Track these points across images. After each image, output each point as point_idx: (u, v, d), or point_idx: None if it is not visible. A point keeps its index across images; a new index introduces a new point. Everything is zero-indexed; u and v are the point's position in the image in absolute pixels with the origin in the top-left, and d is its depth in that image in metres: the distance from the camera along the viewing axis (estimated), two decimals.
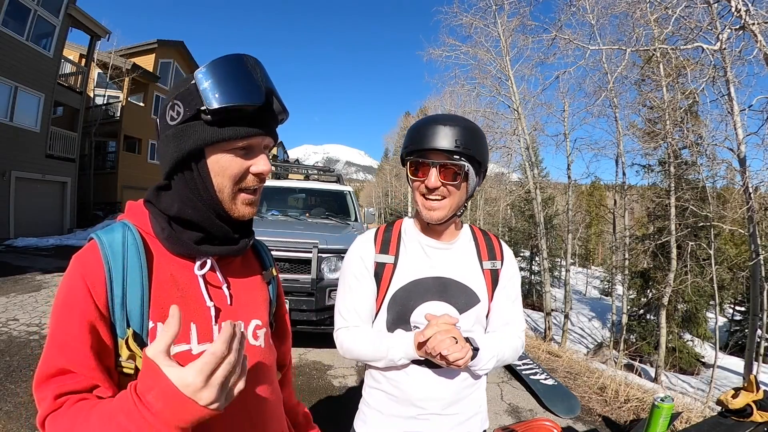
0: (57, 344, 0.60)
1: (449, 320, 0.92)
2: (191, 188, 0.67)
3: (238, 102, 0.62)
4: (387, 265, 1.06)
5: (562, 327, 14.43)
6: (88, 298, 0.61)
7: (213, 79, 0.62)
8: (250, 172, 0.68)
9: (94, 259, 0.63)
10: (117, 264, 0.63)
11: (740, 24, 6.87)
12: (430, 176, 0.96)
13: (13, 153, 11.66)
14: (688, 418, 3.17)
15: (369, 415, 1.09)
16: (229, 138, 0.64)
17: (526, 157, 14.48)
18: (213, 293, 0.72)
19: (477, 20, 13.63)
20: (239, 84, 0.63)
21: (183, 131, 0.64)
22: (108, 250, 0.63)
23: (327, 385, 3.51)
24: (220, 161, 0.66)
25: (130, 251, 0.65)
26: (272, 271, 0.87)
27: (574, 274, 22.92)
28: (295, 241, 3.86)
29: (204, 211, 0.68)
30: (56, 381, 0.59)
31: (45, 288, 6.20)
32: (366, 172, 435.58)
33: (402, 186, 35.27)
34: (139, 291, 0.63)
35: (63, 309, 0.61)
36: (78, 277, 0.62)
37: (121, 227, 0.68)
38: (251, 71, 0.65)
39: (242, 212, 0.70)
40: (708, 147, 10.47)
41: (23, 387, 3.05)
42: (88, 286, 0.61)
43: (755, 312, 8.69)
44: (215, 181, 0.67)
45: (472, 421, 1.08)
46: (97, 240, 0.65)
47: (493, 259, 1.10)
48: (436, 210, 0.99)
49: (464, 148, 0.94)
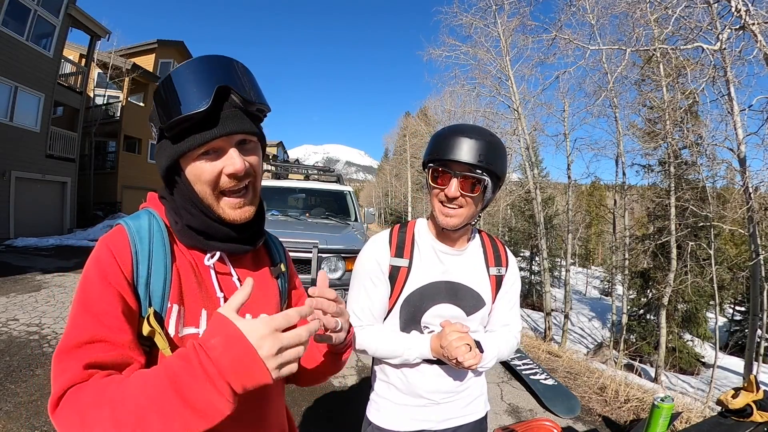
0: (91, 312, 0.60)
1: (462, 329, 1.00)
2: (183, 196, 0.71)
3: (179, 115, 0.63)
4: (402, 268, 1.10)
5: (562, 327, 14.42)
6: (118, 271, 0.63)
7: (161, 97, 0.66)
8: (223, 173, 0.68)
9: (121, 240, 0.66)
10: (143, 246, 0.67)
11: (740, 24, 6.87)
12: (450, 186, 1.00)
13: (13, 153, 11.66)
14: (688, 418, 3.17)
15: (381, 403, 1.16)
16: (187, 149, 0.66)
17: (526, 157, 14.48)
18: (224, 285, 0.74)
19: (477, 20, 13.64)
20: (183, 94, 0.64)
21: (160, 149, 0.71)
22: (135, 234, 0.67)
23: (327, 385, 3.51)
24: (194, 170, 0.69)
25: (156, 236, 0.69)
26: (281, 267, 0.89)
27: (574, 274, 22.92)
28: (295, 241, 3.85)
29: (199, 216, 0.71)
30: (88, 349, 0.58)
31: (45, 288, 6.20)
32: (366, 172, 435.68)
33: (402, 186, 35.26)
34: (163, 272, 0.67)
35: (96, 279, 0.62)
36: (108, 253, 0.64)
37: (147, 214, 0.72)
38: (197, 76, 0.65)
39: (231, 216, 0.71)
40: (708, 147, 10.47)
41: (23, 387, 3.05)
42: (117, 261, 0.64)
43: (755, 312, 8.69)
44: (196, 188, 0.70)
45: (476, 403, 1.19)
46: (125, 225, 0.68)
47: (499, 265, 1.17)
48: (452, 217, 1.03)
49: (486, 163, 0.98)
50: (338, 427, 2.86)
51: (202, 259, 0.73)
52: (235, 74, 0.68)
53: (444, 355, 0.99)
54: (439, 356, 1.03)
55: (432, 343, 1.04)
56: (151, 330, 0.63)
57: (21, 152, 11.94)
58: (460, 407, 1.15)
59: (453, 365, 0.98)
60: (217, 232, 0.72)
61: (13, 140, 11.64)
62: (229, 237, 0.73)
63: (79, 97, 14.37)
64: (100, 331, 0.59)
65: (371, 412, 1.17)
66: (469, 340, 0.97)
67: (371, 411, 1.17)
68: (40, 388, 3.05)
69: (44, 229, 12.77)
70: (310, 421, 2.90)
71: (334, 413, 3.07)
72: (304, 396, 3.24)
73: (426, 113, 27.43)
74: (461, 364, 0.94)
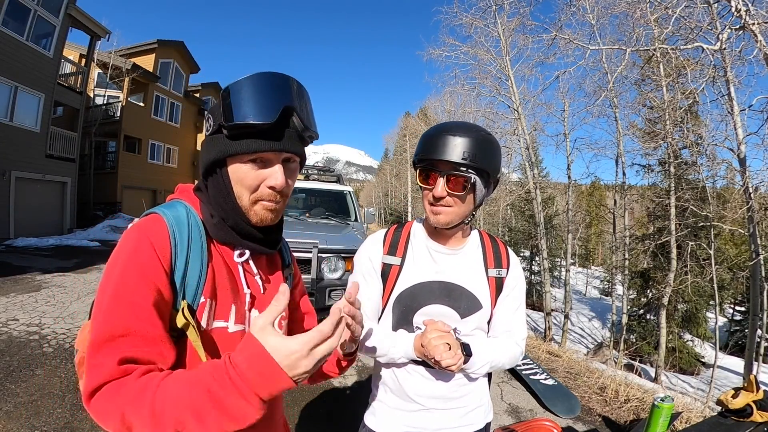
0: (126, 304, 0.61)
1: (443, 327, 0.97)
2: (219, 191, 0.74)
3: (247, 120, 0.67)
4: (393, 266, 1.09)
5: (562, 327, 14.42)
6: (157, 263, 0.64)
7: (232, 98, 0.68)
8: (265, 185, 0.72)
9: (160, 230, 0.67)
10: (183, 238, 0.68)
11: (740, 24, 6.87)
12: (437, 186, 0.98)
13: (13, 153, 11.66)
14: (688, 418, 3.17)
15: (377, 408, 1.14)
16: (240, 152, 0.69)
17: (526, 157, 14.48)
18: (249, 282, 0.78)
19: (477, 20, 13.63)
20: (253, 102, 0.67)
21: (211, 141, 0.73)
22: (174, 225, 0.68)
23: (327, 385, 3.51)
24: (238, 171, 0.72)
25: (194, 229, 0.71)
26: (291, 267, 0.95)
27: (574, 274, 22.93)
28: (295, 241, 3.86)
29: (229, 211, 0.74)
30: (122, 342, 0.59)
31: (45, 288, 6.20)
32: (366, 172, 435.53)
33: (402, 186, 35.25)
34: (199, 267, 0.69)
35: (134, 271, 0.62)
36: (146, 243, 0.64)
37: (182, 206, 0.73)
38: (272, 89, 0.69)
39: (260, 216, 0.74)
40: (708, 147, 10.47)
41: (23, 387, 3.05)
42: (156, 253, 0.64)
43: (755, 312, 8.68)
44: (235, 189, 0.73)
45: (474, 414, 1.13)
46: (162, 215, 0.69)
47: (499, 266, 1.12)
48: (441, 215, 1.01)
49: (471, 160, 0.95)
50: (338, 427, 2.86)
51: (231, 255, 0.76)
52: (300, 99, 0.72)
53: (425, 355, 0.96)
54: (421, 356, 1.00)
55: (415, 342, 1.02)
56: (186, 323, 0.65)
57: (21, 152, 11.94)
58: (457, 417, 1.10)
59: (432, 364, 0.96)
60: (246, 230, 0.75)
61: (13, 140, 11.64)
62: (256, 238, 0.77)
63: (79, 97, 14.37)
64: (135, 325, 0.60)
65: (367, 416, 1.16)
66: (449, 339, 0.94)
67: (367, 414, 1.17)
68: (40, 388, 3.05)
69: (44, 229, 12.77)
70: (310, 421, 2.90)
71: (334, 413, 3.07)
72: (304, 396, 3.24)
73: (426, 113, 27.45)
74: (439, 363, 0.91)
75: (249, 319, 0.77)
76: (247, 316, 0.77)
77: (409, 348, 1.02)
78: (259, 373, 0.54)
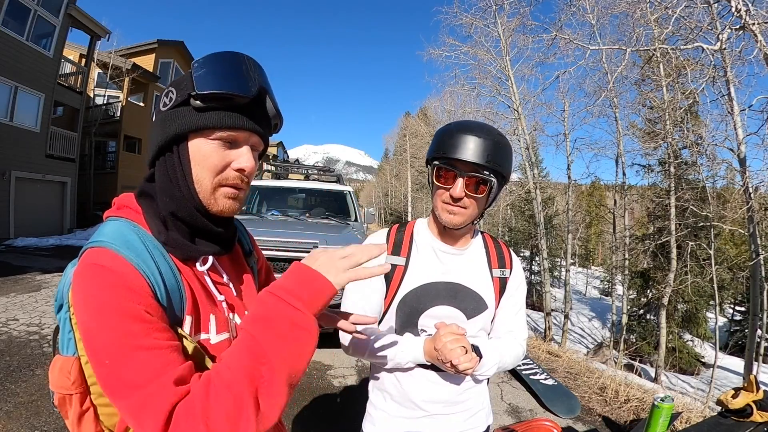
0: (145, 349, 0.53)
1: (458, 330, 0.93)
2: (171, 176, 0.66)
3: (226, 90, 0.62)
4: (398, 266, 1.06)
5: (562, 327, 14.42)
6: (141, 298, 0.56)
7: (207, 68, 0.63)
8: (231, 167, 0.66)
9: (129, 271, 0.57)
10: (151, 267, 0.60)
11: (740, 24, 6.87)
12: (455, 186, 0.96)
13: (13, 153, 11.66)
14: (688, 418, 3.17)
15: (376, 416, 1.10)
16: (213, 125, 0.63)
17: (526, 157, 14.47)
18: (220, 289, 0.73)
19: (477, 20, 13.63)
20: (231, 75, 0.63)
21: (171, 116, 0.65)
22: (134, 257, 0.59)
23: (327, 385, 3.51)
24: (202, 149, 0.65)
25: (154, 251, 0.62)
26: (254, 254, 0.89)
27: (574, 274, 22.93)
28: (295, 241, 3.85)
29: (182, 201, 0.66)
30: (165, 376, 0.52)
31: (45, 288, 6.20)
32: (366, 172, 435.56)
33: (402, 186, 35.25)
34: (176, 287, 0.64)
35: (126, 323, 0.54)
36: (123, 291, 0.55)
37: (128, 228, 0.63)
38: (247, 68, 0.65)
39: (222, 206, 0.67)
40: (708, 147, 10.46)
41: (23, 387, 3.05)
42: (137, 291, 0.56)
43: (755, 312, 8.68)
44: (194, 171, 0.65)
45: (476, 417, 1.11)
46: (118, 252, 0.58)
47: (502, 267, 1.11)
48: (456, 215, 0.99)
49: (494, 163, 0.94)
50: (337, 427, 2.86)
51: (193, 265, 0.69)
52: (269, 84, 0.69)
53: (438, 359, 0.92)
54: (433, 360, 0.97)
55: (426, 346, 0.98)
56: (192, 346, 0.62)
57: (21, 152, 11.94)
58: (460, 421, 1.08)
59: (447, 369, 0.93)
60: (202, 225, 0.68)
61: (13, 140, 11.64)
62: (213, 234, 0.70)
63: (79, 97, 14.37)
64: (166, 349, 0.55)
65: (366, 426, 1.13)
66: (465, 342, 0.91)
67: (366, 424, 1.13)
68: (40, 388, 3.05)
69: (44, 229, 12.77)
70: (310, 421, 2.90)
71: (334, 413, 3.07)
72: (304, 396, 3.24)
73: (426, 113, 27.44)
74: (456, 367, 0.88)
75: (232, 325, 0.73)
76: (230, 322, 0.72)
77: (419, 352, 0.99)
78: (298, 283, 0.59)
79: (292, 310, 0.57)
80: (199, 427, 0.50)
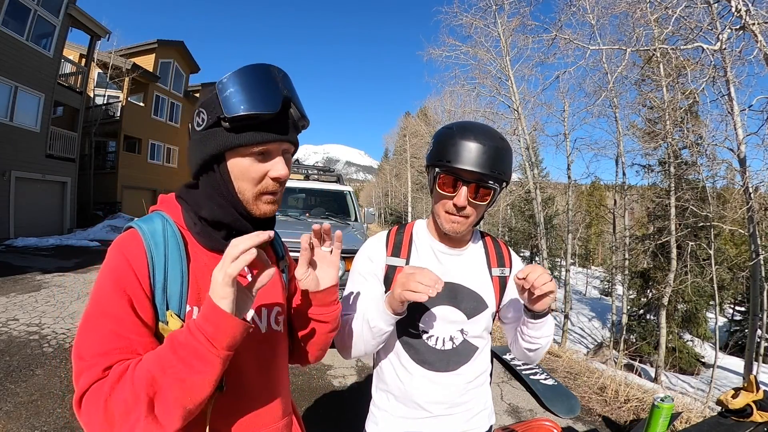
0: (109, 318, 0.63)
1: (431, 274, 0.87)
2: (215, 188, 0.74)
3: (252, 110, 0.66)
4: (398, 268, 1.05)
5: (562, 327, 14.42)
6: (134, 279, 0.66)
7: (232, 89, 0.67)
8: (269, 176, 0.73)
9: (136, 246, 0.68)
10: (159, 251, 0.69)
11: (740, 24, 6.87)
12: (459, 195, 0.94)
13: (13, 153, 11.66)
14: (688, 418, 3.17)
15: (379, 416, 1.11)
16: (245, 144, 0.69)
17: (526, 157, 14.48)
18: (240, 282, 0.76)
19: (477, 20, 13.64)
20: (255, 93, 0.67)
21: (206, 137, 0.71)
22: (150, 239, 0.69)
23: (327, 385, 3.52)
24: (239, 165, 0.71)
25: (171, 240, 0.71)
26: (286, 260, 0.94)
27: (574, 274, 22.95)
28: (295, 241, 3.85)
29: (227, 207, 0.74)
30: (107, 354, 0.61)
31: (45, 288, 6.20)
32: (366, 172, 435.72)
33: (402, 186, 35.25)
34: (179, 276, 0.69)
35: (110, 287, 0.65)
36: (123, 261, 0.66)
37: (159, 218, 0.73)
38: (269, 80, 0.70)
39: (263, 210, 0.76)
40: (708, 147, 10.46)
41: (23, 387, 3.05)
42: (133, 269, 0.66)
43: (755, 312, 8.68)
44: (236, 185, 0.73)
45: (479, 417, 1.11)
46: (138, 229, 0.70)
47: (502, 266, 1.11)
48: (459, 224, 0.99)
49: (498, 172, 0.94)
50: (338, 427, 2.86)
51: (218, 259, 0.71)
52: (292, 88, 0.73)
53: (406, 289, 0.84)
54: (396, 305, 0.89)
55: (387, 298, 0.92)
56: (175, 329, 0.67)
57: (21, 152, 11.94)
58: (462, 421, 1.08)
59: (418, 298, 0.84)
60: (241, 226, 0.75)
61: (13, 140, 11.64)
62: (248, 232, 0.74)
63: (79, 97, 14.38)
64: (119, 338, 0.62)
65: (369, 426, 1.13)
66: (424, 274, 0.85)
67: (369, 424, 1.13)
68: (40, 388, 3.05)
69: (44, 229, 12.77)
70: (310, 421, 2.90)
71: (334, 413, 3.07)
72: (304, 396, 3.25)
73: (426, 113, 27.42)
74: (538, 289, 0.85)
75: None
76: None
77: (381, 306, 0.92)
78: (204, 317, 0.59)
79: (196, 342, 0.59)
80: (99, 406, 0.58)
